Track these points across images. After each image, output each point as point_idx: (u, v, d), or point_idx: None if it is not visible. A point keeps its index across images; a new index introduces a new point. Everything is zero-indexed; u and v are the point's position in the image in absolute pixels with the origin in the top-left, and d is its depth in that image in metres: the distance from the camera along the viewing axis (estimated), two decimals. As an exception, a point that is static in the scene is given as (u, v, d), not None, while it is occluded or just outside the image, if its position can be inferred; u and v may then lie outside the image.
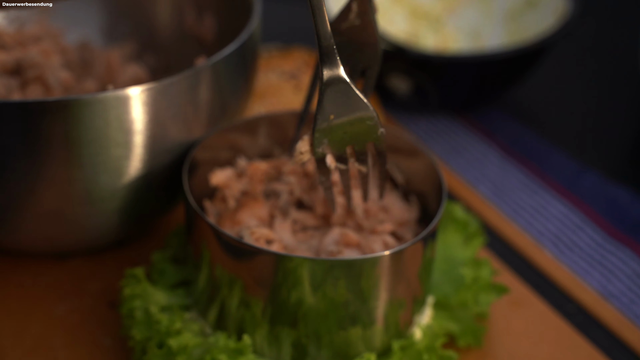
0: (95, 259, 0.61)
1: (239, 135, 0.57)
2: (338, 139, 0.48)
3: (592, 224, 0.67)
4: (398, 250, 0.49)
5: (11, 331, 0.55)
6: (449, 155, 0.75)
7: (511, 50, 0.73)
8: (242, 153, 0.58)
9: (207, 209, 0.55)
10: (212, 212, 0.55)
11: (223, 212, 0.54)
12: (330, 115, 0.47)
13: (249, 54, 0.58)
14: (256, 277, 0.49)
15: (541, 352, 0.55)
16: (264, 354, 0.51)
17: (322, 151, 0.48)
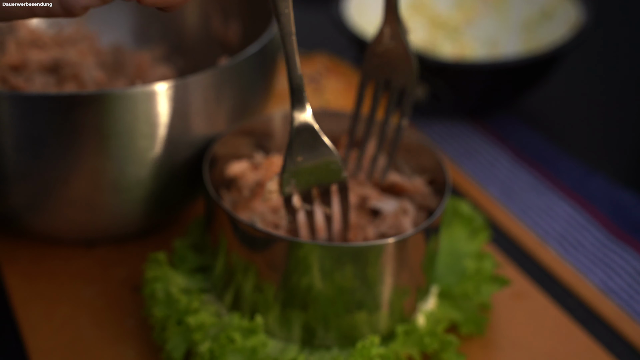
0: (120, 246, 0.65)
1: (258, 132, 0.61)
2: (304, 180, 0.52)
3: (596, 224, 0.69)
4: (402, 239, 0.51)
5: (41, 311, 0.59)
6: (461, 158, 0.78)
7: (524, 59, 0.76)
8: (260, 149, 0.61)
9: (224, 198, 0.58)
10: (228, 200, 0.58)
11: (238, 200, 0.58)
12: (298, 157, 0.51)
13: (270, 56, 0.62)
14: (269, 262, 0.52)
15: (541, 342, 0.58)
16: (275, 334, 0.54)
17: (289, 191, 0.52)
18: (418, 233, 0.52)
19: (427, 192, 0.58)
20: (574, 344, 0.58)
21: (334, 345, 0.54)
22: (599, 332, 0.59)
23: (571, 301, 0.62)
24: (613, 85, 0.90)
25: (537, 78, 0.80)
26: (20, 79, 0.62)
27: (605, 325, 0.60)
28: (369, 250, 0.51)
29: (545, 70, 0.79)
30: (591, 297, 0.62)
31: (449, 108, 0.82)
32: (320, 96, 0.75)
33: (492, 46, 0.89)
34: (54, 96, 0.53)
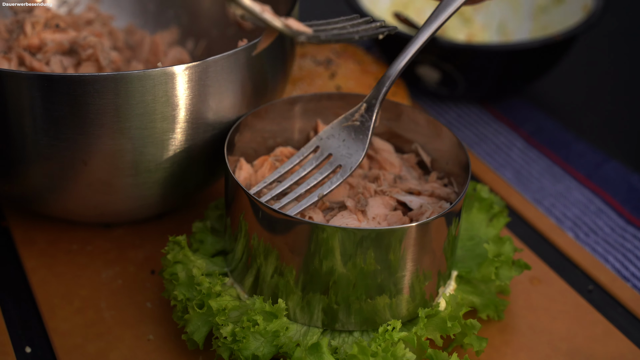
0: (137, 229, 0.65)
1: (277, 115, 0.61)
2: None
3: (611, 209, 0.70)
4: (424, 223, 0.51)
5: (61, 292, 0.59)
6: (474, 143, 0.78)
7: (537, 42, 0.76)
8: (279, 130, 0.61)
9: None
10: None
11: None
12: None
13: (288, 38, 0.61)
14: (290, 246, 0.52)
15: (560, 326, 0.58)
16: (296, 318, 0.54)
17: None
18: (440, 217, 0.52)
19: (442, 193, 0.58)
20: (593, 328, 0.58)
21: (355, 329, 0.54)
22: (617, 316, 0.60)
23: (588, 285, 0.62)
24: (625, 70, 0.90)
25: (550, 62, 0.79)
26: (38, 60, 0.62)
27: (623, 309, 0.60)
28: (391, 233, 0.51)
29: (558, 54, 0.79)
30: (608, 281, 0.62)
31: (462, 94, 0.82)
32: (334, 79, 0.75)
33: (503, 32, 0.89)
34: (75, 77, 0.52)
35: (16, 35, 0.63)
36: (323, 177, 0.56)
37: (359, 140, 0.56)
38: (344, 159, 0.57)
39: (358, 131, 0.57)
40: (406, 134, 0.61)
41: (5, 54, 0.62)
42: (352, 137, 0.57)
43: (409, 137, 0.61)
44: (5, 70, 0.52)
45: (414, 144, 0.61)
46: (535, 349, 0.57)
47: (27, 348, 0.56)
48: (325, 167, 0.57)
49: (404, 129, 0.61)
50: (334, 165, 0.57)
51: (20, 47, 0.62)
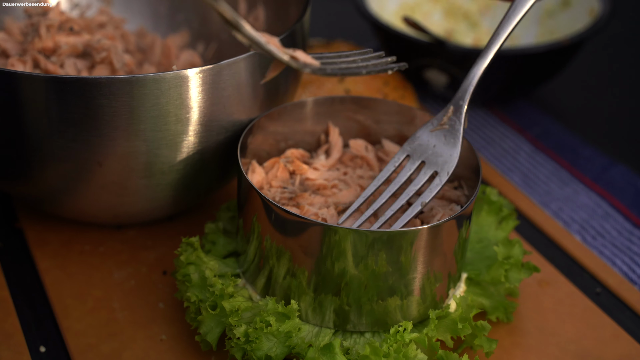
0: (149, 231, 0.65)
1: (289, 117, 0.61)
2: None
3: (618, 213, 0.70)
4: (435, 225, 0.52)
5: (74, 293, 0.60)
6: (481, 146, 0.78)
7: (544, 46, 0.76)
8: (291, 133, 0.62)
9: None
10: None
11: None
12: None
13: (300, 41, 0.62)
14: (303, 248, 0.53)
15: (568, 328, 0.59)
16: (308, 319, 0.55)
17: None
18: (451, 220, 0.53)
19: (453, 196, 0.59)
20: (601, 330, 0.59)
21: (366, 330, 0.55)
22: (624, 318, 0.60)
23: (596, 288, 0.63)
24: (632, 75, 0.91)
25: (557, 67, 0.80)
26: (52, 63, 0.62)
27: (630, 312, 0.61)
28: (402, 235, 0.52)
29: (565, 59, 0.79)
30: (616, 284, 0.63)
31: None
32: (342, 83, 0.75)
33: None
34: (90, 80, 0.53)
35: (31, 38, 0.64)
36: (420, 186, 0.56)
37: (451, 144, 0.56)
38: (438, 165, 0.56)
39: (448, 135, 0.57)
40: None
41: (20, 56, 0.63)
42: (443, 142, 0.56)
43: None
44: (21, 73, 0.53)
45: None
46: (544, 350, 0.57)
47: (41, 347, 0.56)
48: (420, 177, 0.56)
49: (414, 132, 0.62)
50: (427, 174, 0.56)
51: (35, 49, 0.63)
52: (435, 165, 0.56)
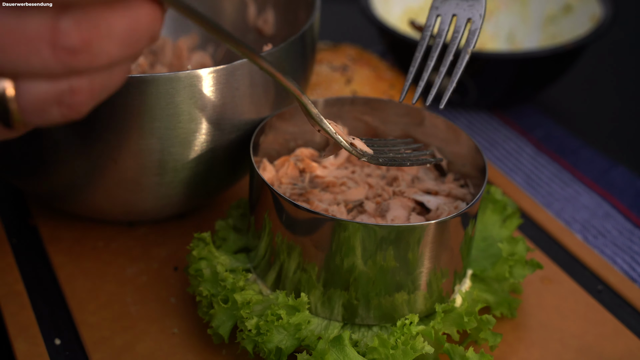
0: (160, 228, 0.67)
1: (300, 117, 0.63)
2: None
3: (618, 214, 0.72)
4: (442, 221, 0.53)
5: (88, 287, 0.61)
6: (485, 148, 0.80)
7: (547, 50, 0.78)
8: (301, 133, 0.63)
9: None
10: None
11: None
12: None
13: (309, 44, 0.63)
14: (314, 243, 0.54)
15: (570, 324, 0.60)
16: (317, 313, 0.56)
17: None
18: (458, 216, 0.54)
19: (459, 193, 0.60)
20: (602, 327, 0.60)
21: (374, 324, 0.56)
22: (625, 315, 0.62)
23: (598, 286, 0.64)
24: (632, 79, 0.93)
25: (559, 71, 0.82)
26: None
27: (631, 309, 0.62)
28: (411, 231, 0.53)
29: (567, 63, 0.81)
30: (617, 282, 0.64)
31: (473, 101, 0.84)
32: (349, 84, 0.77)
33: (512, 41, 0.91)
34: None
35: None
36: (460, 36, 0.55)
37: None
38: (468, 13, 0.56)
39: None
40: (424, 137, 0.63)
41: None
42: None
43: (426, 140, 0.64)
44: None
45: (431, 147, 0.63)
46: (547, 345, 0.58)
47: (56, 340, 0.58)
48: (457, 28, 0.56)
49: (421, 133, 0.63)
50: (462, 24, 0.56)
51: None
52: (465, 15, 0.56)
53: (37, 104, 0.37)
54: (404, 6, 0.91)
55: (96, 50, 0.37)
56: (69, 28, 0.36)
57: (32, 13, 0.35)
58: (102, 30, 0.37)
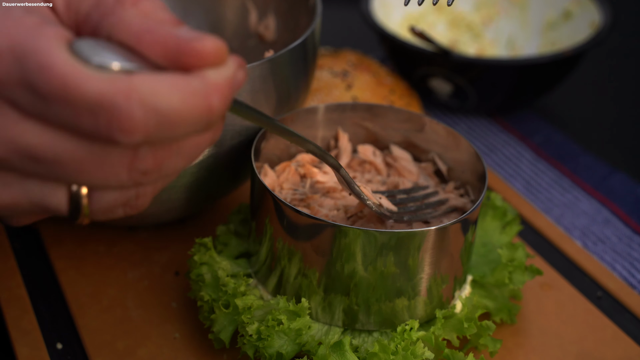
0: (161, 233, 0.67)
1: (301, 123, 0.63)
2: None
3: (618, 220, 0.72)
4: (443, 227, 0.54)
5: (89, 292, 0.61)
6: (484, 154, 0.80)
7: (547, 56, 0.78)
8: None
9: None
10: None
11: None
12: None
13: (310, 50, 0.64)
14: (314, 248, 0.54)
15: (570, 330, 0.60)
16: (318, 318, 0.56)
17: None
18: (458, 222, 0.55)
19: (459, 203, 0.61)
20: (602, 333, 0.60)
21: (374, 329, 0.56)
22: (625, 321, 0.62)
23: (597, 292, 0.64)
24: (631, 85, 0.93)
25: (559, 77, 0.82)
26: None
27: (630, 315, 0.62)
28: (411, 237, 0.53)
29: (566, 69, 0.81)
30: (616, 288, 0.64)
31: (473, 106, 0.84)
32: (350, 90, 0.77)
33: (511, 47, 0.92)
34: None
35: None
36: None
37: None
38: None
39: None
40: (424, 143, 0.64)
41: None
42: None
43: (426, 146, 0.64)
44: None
45: (431, 153, 0.64)
46: (546, 351, 0.59)
47: (58, 344, 0.58)
48: None
49: (422, 139, 0.64)
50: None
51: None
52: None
53: (106, 208, 0.41)
54: (404, 12, 0.91)
55: (166, 167, 0.40)
56: (146, 155, 0.39)
57: (116, 145, 0.38)
58: (173, 152, 0.39)
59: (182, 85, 0.37)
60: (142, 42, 0.37)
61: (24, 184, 0.39)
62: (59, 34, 0.36)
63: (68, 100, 0.36)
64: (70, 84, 0.35)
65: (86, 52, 0.36)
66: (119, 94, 0.36)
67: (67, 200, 0.40)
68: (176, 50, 0.37)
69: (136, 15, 0.38)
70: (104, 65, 0.36)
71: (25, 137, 0.37)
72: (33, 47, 0.36)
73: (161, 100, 0.36)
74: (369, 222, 0.58)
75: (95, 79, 0.36)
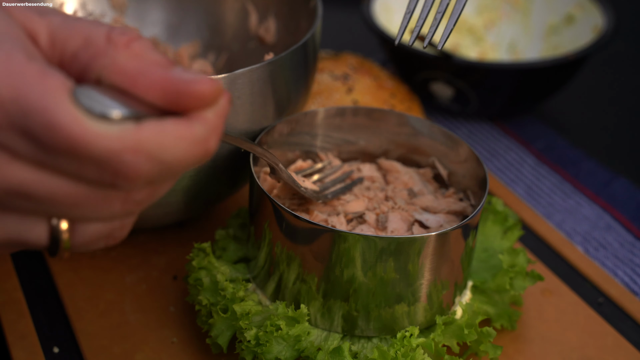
0: (159, 236, 0.67)
1: (301, 126, 0.63)
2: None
3: (620, 226, 0.71)
4: (443, 232, 0.53)
5: (87, 296, 0.61)
6: (486, 159, 0.80)
7: (549, 61, 0.78)
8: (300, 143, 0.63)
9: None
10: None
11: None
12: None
13: (311, 52, 0.63)
14: (313, 254, 0.54)
15: (571, 337, 0.60)
16: (317, 324, 0.56)
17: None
18: (458, 228, 0.54)
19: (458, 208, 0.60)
20: (603, 339, 0.60)
21: (374, 335, 0.56)
22: (626, 328, 0.61)
23: (598, 298, 0.64)
24: (634, 90, 0.93)
25: (561, 82, 0.82)
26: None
27: (632, 322, 0.62)
28: (411, 242, 0.53)
29: (569, 74, 0.81)
30: (618, 294, 0.64)
31: (475, 110, 0.84)
32: (351, 93, 0.77)
33: (513, 51, 0.91)
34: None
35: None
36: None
37: None
38: None
39: None
40: (424, 147, 0.63)
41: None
42: None
43: (427, 151, 0.63)
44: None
45: (431, 158, 0.63)
46: (547, 358, 0.58)
47: (55, 348, 0.57)
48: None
49: (422, 143, 0.63)
50: None
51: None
52: None
53: (89, 241, 0.39)
54: (406, 15, 0.90)
55: (158, 195, 0.39)
56: (142, 190, 0.38)
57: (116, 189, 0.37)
58: (166, 183, 0.39)
59: (187, 135, 0.37)
60: (138, 86, 0.37)
61: (1, 219, 0.37)
62: (63, 84, 0.36)
63: (75, 156, 0.35)
64: (79, 142, 0.35)
65: (87, 101, 0.36)
66: (128, 151, 0.36)
67: (48, 235, 0.38)
68: (175, 93, 0.37)
69: (129, 57, 0.37)
70: (106, 115, 0.36)
71: (17, 176, 0.36)
72: (39, 103, 0.35)
73: (168, 153, 0.37)
74: (369, 228, 0.58)
75: (104, 136, 0.35)
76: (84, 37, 0.38)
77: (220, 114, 0.39)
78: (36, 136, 0.35)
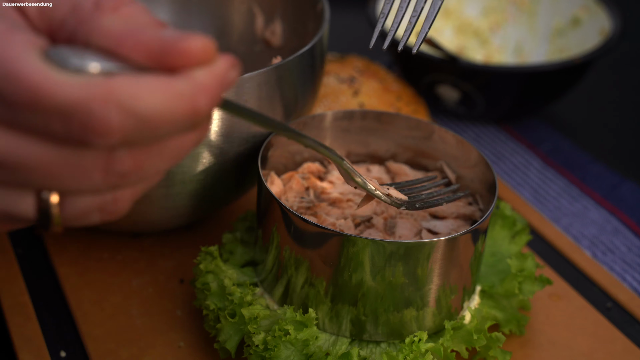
0: (166, 239, 0.66)
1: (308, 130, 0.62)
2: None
3: (627, 230, 0.71)
4: (452, 237, 0.53)
5: (93, 299, 0.61)
6: (492, 162, 0.80)
7: (556, 64, 0.77)
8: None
9: None
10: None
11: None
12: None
13: (318, 56, 0.63)
14: (322, 258, 0.54)
15: (581, 342, 0.60)
16: (325, 329, 0.56)
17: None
18: (467, 233, 0.54)
19: (467, 212, 0.60)
20: (612, 345, 0.59)
21: (382, 340, 0.56)
22: (635, 333, 0.61)
23: (607, 303, 0.64)
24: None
25: (567, 84, 0.81)
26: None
27: (641, 327, 0.62)
28: (420, 247, 0.53)
29: (575, 77, 0.81)
30: (627, 299, 0.63)
31: (481, 113, 0.83)
32: (357, 96, 0.77)
33: (519, 54, 0.91)
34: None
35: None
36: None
37: None
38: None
39: None
40: (432, 151, 0.63)
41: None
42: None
43: (434, 155, 0.63)
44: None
45: (439, 162, 0.63)
46: (556, 363, 0.58)
47: (61, 352, 0.57)
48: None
49: (430, 147, 0.63)
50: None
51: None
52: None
53: (80, 214, 0.38)
54: (412, 18, 0.90)
55: (146, 169, 0.37)
56: (123, 157, 0.36)
57: (90, 148, 0.36)
58: (155, 152, 0.37)
59: (164, 86, 0.35)
60: (123, 46, 0.35)
61: None
62: (29, 40, 0.35)
63: (37, 107, 0.34)
64: (40, 91, 0.33)
65: (62, 56, 0.34)
66: (95, 99, 0.34)
67: (36, 208, 0.37)
68: (160, 51, 0.35)
69: (116, 20, 0.36)
70: (82, 69, 0.34)
71: None
72: (1, 55, 0.34)
73: (141, 104, 0.34)
74: (378, 232, 0.57)
75: (69, 85, 0.34)
76: (71, 4, 0.37)
77: (215, 74, 0.36)
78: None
